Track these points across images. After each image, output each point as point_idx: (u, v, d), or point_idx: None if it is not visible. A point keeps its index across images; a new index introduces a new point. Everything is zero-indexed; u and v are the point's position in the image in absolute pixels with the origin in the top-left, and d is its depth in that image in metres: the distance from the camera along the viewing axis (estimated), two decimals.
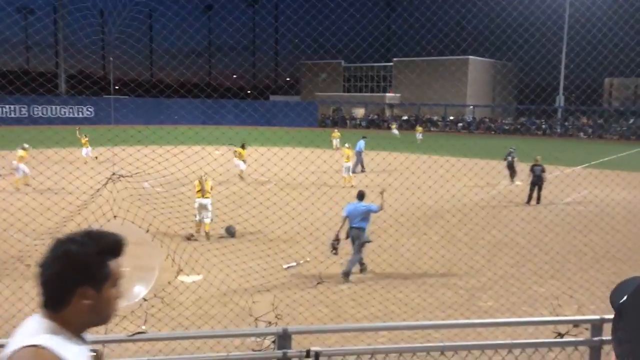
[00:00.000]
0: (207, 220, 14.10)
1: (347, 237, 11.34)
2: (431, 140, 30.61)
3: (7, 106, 54.35)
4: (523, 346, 4.65)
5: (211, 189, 14.47)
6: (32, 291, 8.58)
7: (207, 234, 13.95)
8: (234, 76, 53.79)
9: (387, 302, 9.85)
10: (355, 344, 7.54)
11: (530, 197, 19.86)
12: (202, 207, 14.12)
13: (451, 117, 70.51)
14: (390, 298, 10.09)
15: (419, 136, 45.50)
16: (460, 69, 71.44)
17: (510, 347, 4.63)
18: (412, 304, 9.84)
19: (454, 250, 12.82)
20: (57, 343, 1.83)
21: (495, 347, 4.70)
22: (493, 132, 65.32)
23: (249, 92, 70.75)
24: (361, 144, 27.60)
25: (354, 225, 11.24)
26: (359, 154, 27.08)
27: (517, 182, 23.13)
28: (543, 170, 20.02)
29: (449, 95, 70.22)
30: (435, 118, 71.16)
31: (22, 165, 20.51)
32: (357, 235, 11.21)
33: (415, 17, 13.08)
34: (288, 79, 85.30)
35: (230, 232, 13.78)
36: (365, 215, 11.32)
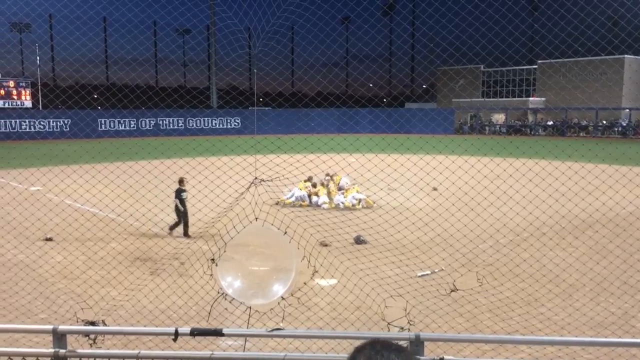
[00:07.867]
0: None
1: None
2: (577, 145, 28.19)
3: (166, 118, 60.07)
4: None
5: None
6: (184, 285, 9.39)
7: None
8: (370, 84, 54.39)
9: (527, 316, 9.35)
10: (492, 357, 7.27)
11: None
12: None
13: (604, 121, 64.93)
14: (531, 311, 9.58)
15: (340, 200, 20.30)
16: (614, 69, 65.72)
17: None
18: (556, 318, 9.25)
19: (604, 264, 11.79)
20: None
21: None
22: None
23: (384, 100, 71.19)
24: None
25: None
26: None
27: None
28: None
29: (601, 98, 64.83)
30: (584, 122, 66.09)
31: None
32: None
33: (561, 15, 12.31)
34: (424, 85, 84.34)
35: (360, 242, 13.97)
36: None
